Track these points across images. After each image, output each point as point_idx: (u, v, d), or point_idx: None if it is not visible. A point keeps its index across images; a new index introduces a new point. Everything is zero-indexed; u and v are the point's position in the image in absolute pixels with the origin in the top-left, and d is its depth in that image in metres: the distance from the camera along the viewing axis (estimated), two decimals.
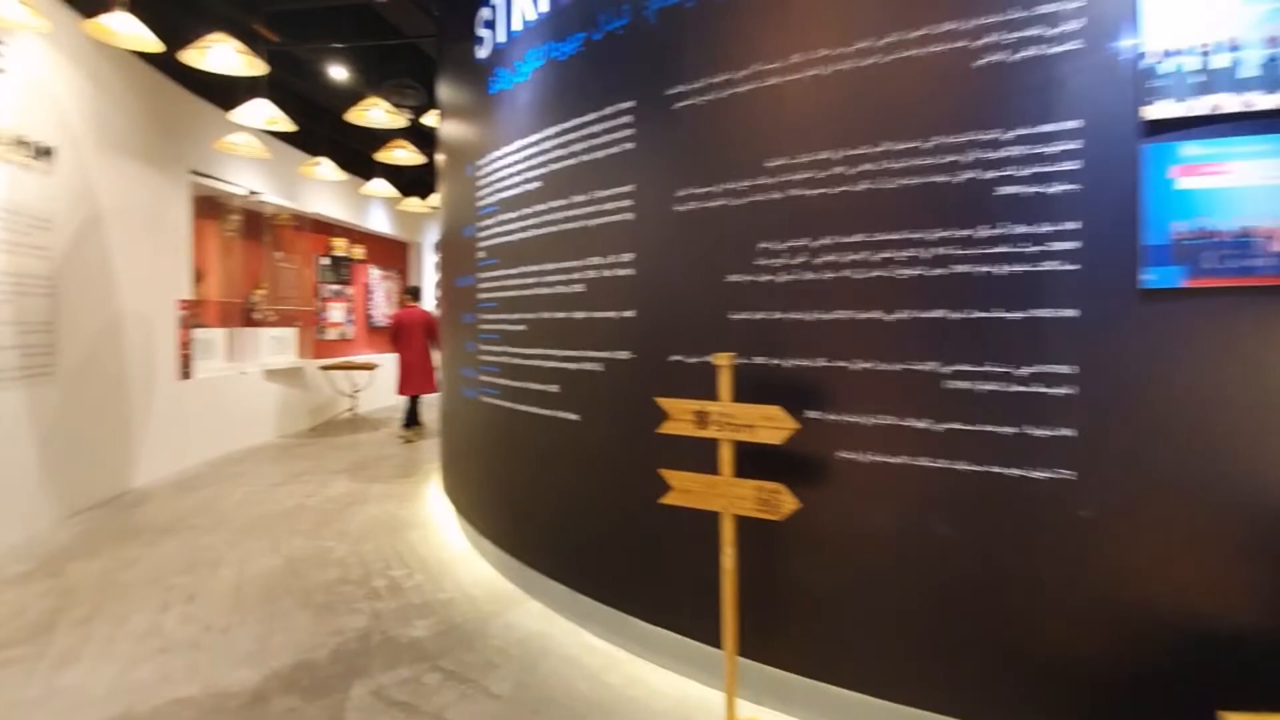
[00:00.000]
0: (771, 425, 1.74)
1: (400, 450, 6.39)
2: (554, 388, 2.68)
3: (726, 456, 1.82)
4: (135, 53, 4.59)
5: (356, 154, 7.23)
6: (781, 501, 1.75)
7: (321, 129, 6.81)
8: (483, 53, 3.28)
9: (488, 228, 3.20)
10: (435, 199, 8.02)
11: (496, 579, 3.17)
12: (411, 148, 6.02)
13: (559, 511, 2.72)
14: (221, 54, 3.77)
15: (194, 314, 5.75)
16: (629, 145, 2.34)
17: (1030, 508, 1.63)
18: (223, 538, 3.74)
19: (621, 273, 2.37)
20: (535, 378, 2.80)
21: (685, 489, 1.89)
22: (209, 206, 6.35)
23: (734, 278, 2.06)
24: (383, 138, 5.96)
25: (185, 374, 5.56)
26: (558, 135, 2.64)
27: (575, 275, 2.56)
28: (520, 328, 2.91)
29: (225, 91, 5.20)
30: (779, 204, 1.97)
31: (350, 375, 8.38)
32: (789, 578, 1.97)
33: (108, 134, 4.52)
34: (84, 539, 3.68)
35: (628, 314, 2.35)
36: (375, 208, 9.50)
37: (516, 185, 2.92)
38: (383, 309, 10.28)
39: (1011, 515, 1.65)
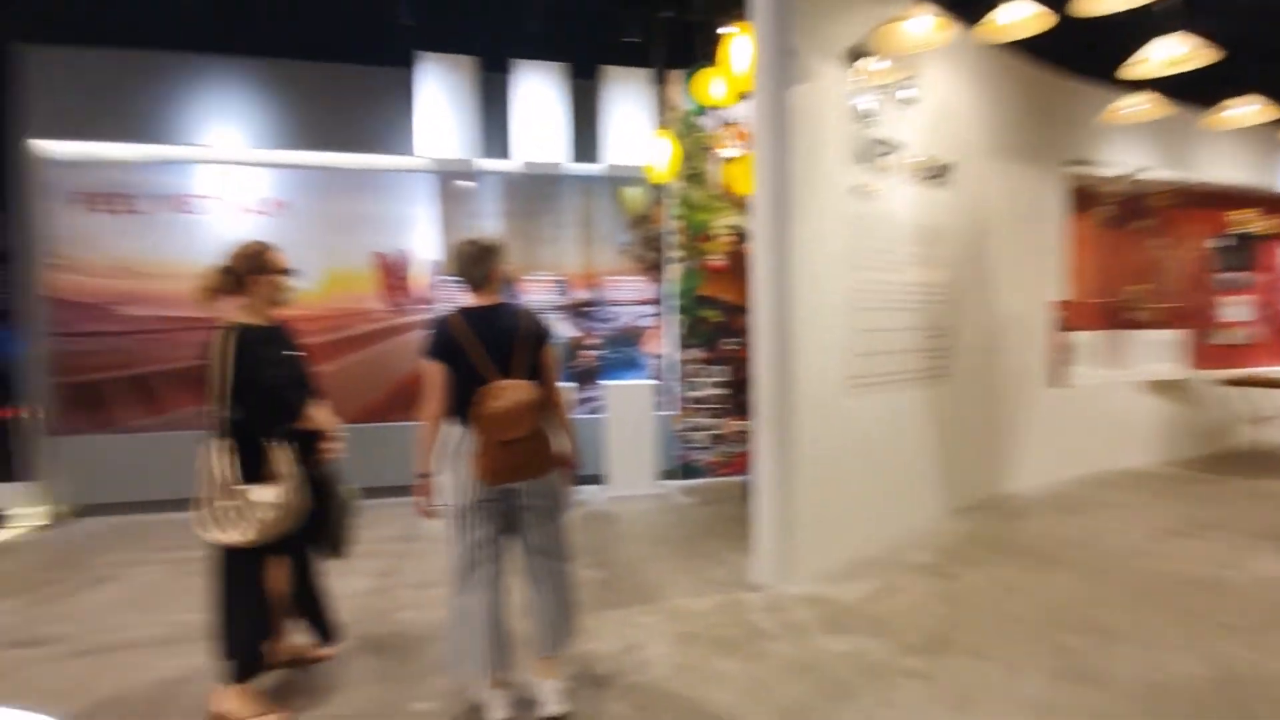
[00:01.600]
0: None
1: None
2: None
3: None
4: (1008, 48, 4.37)
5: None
6: None
7: (1233, 65, 4.93)
8: None
9: None
10: None
11: None
12: None
13: None
14: None
15: (1066, 316, 5.24)
16: None
17: None
18: (1114, 595, 2.96)
19: None
20: None
21: None
22: (1080, 197, 5.70)
23: None
24: None
25: (1056, 380, 5.13)
26: None
27: None
28: None
29: (1107, 55, 4.38)
30: None
31: (1252, 394, 6.02)
32: None
33: (993, 140, 4.53)
34: (968, 542, 3.68)
35: None
36: None
37: None
38: None
39: None
